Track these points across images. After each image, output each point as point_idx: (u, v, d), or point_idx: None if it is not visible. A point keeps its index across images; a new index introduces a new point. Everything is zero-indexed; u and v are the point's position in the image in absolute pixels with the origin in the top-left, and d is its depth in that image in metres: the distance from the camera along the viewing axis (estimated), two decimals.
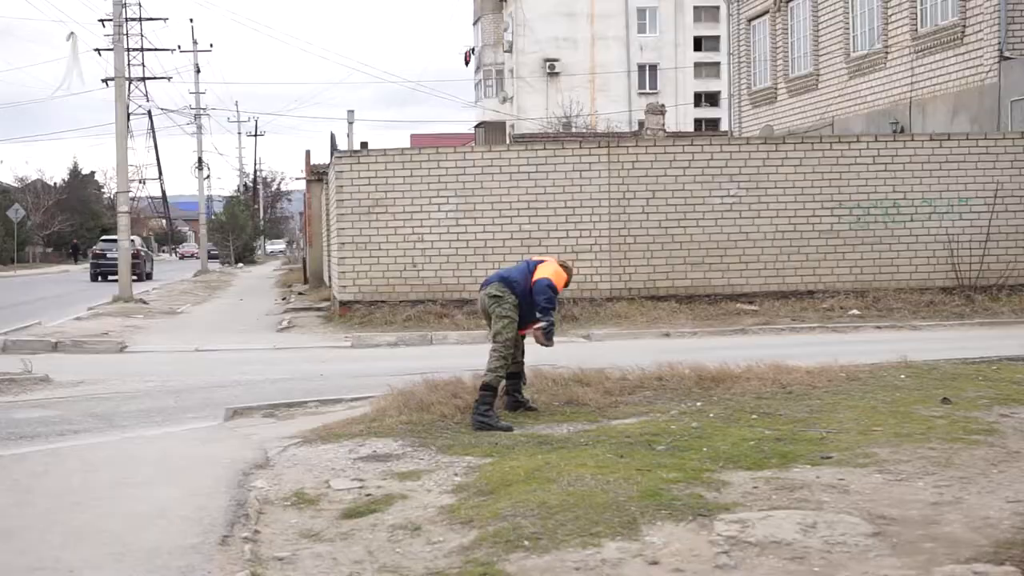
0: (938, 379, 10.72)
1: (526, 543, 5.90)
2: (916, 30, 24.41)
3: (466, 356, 13.96)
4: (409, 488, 7.25)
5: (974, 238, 19.44)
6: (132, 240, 53.65)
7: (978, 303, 18.50)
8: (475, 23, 71.45)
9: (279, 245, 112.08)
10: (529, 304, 9.56)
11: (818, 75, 28.97)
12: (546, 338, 9.46)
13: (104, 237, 48.93)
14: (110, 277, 41.35)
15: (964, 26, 22.58)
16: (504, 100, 66.44)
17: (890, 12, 25.38)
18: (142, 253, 47.70)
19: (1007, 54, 21.32)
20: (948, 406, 9.49)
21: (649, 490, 6.74)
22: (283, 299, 29.63)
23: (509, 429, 8.93)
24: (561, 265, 9.93)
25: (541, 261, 9.85)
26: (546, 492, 6.74)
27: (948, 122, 23.05)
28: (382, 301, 19.22)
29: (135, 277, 46.99)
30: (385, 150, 19.83)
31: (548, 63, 64.09)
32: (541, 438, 8.53)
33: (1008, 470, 7.37)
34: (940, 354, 12.13)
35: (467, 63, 73.77)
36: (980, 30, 22.04)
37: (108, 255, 43.38)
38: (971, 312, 18.07)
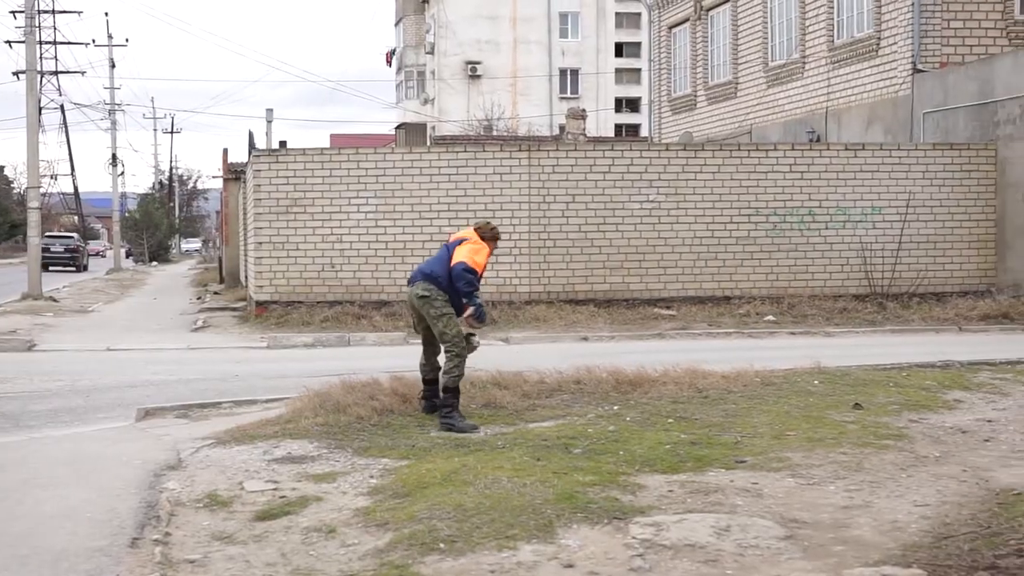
0: (850, 385, 10.89)
1: (442, 545, 5.88)
2: (833, 41, 24.81)
3: (384, 358, 13.90)
4: (324, 490, 7.19)
5: (887, 247, 19.79)
6: (72, 236, 56.65)
7: (890, 310, 18.83)
8: (397, 24, 71.20)
9: (194, 244, 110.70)
10: (456, 292, 9.40)
11: (737, 83, 29.32)
12: (478, 321, 9.36)
13: (48, 234, 53.19)
14: (51, 268, 45.81)
15: (879, 39, 22.98)
16: (425, 102, 66.29)
17: (808, 23, 25.76)
18: (80, 248, 55.02)
19: (920, 67, 21.73)
20: (860, 411, 9.64)
21: (565, 493, 6.75)
22: (198, 298, 29.26)
23: (475, 429, 8.87)
24: (478, 232, 9.70)
25: (460, 241, 9.64)
26: (463, 495, 6.72)
27: (863, 132, 23.44)
28: (299, 302, 19.07)
29: (73, 268, 49.41)
30: (304, 150, 19.68)
31: (470, 65, 64.06)
32: (458, 440, 8.51)
33: (916, 475, 7.50)
34: (853, 360, 12.31)
35: (388, 64, 73.49)
36: (894, 43, 22.46)
37: (51, 248, 49.46)
38: (883, 319, 18.39)
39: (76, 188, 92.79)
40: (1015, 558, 5.45)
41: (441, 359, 9.57)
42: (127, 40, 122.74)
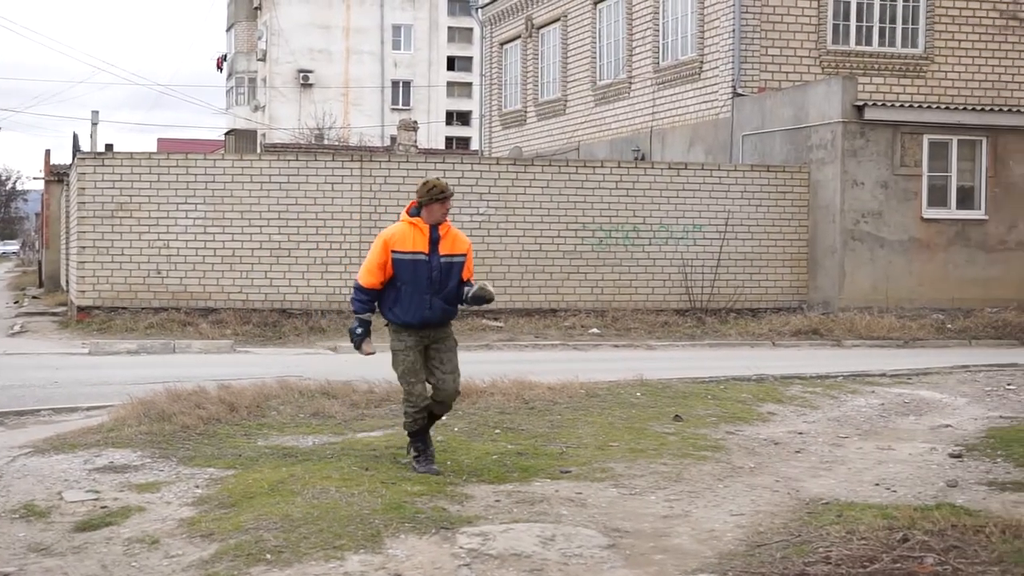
0: (671, 397, 11.19)
1: (268, 556, 5.86)
2: (658, 63, 25.47)
3: (211, 366, 13.68)
4: (147, 500, 7.07)
5: (706, 263, 20.40)
6: None
7: (708, 325, 19.40)
8: (228, 29, 69.99)
9: (12, 246, 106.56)
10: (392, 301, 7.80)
11: (566, 101, 29.81)
12: (354, 346, 7.97)
13: None
14: None
15: (702, 62, 23.71)
16: (256, 108, 65.31)
17: (634, 45, 26.39)
18: None
19: (740, 91, 22.51)
20: (679, 423, 9.94)
21: (394, 503, 6.79)
22: (15, 302, 28.23)
23: (438, 474, 7.63)
24: (414, 209, 7.76)
25: None
26: (290, 505, 6.70)
27: (686, 152, 24.13)
28: (123, 307, 18.62)
29: None
30: (132, 153, 19.24)
31: (302, 74, 63.41)
32: (286, 450, 8.45)
33: (732, 485, 7.79)
34: (673, 373, 12.64)
35: (219, 69, 72.18)
36: (716, 67, 23.20)
37: None
38: (702, 333, 18.94)
39: None
40: (823, 565, 5.71)
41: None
42: None
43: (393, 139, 43.38)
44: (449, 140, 71.80)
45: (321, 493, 6.95)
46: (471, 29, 69.30)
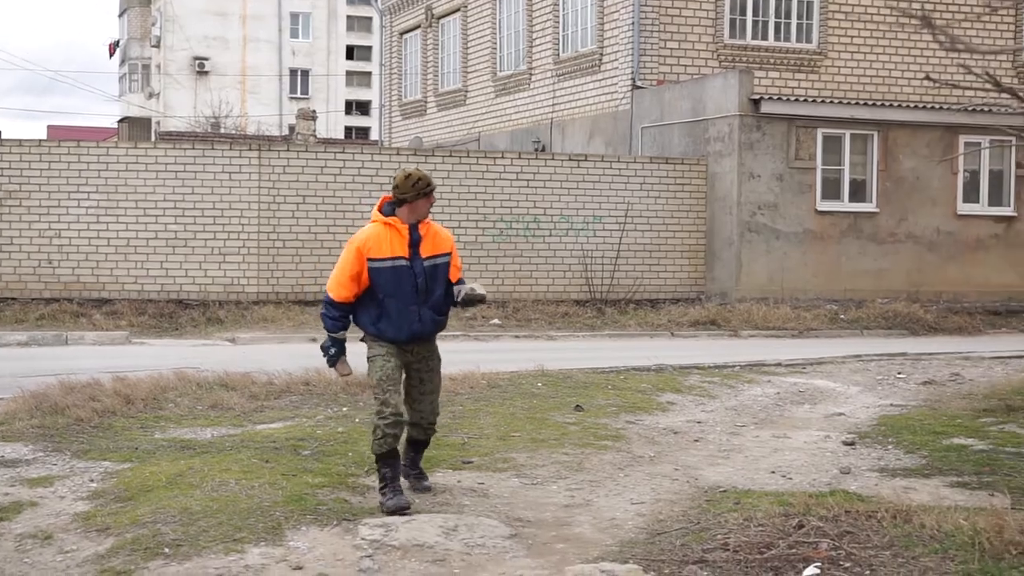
0: (572, 387, 11.26)
1: (166, 550, 5.78)
2: (558, 55, 25.58)
3: (106, 357, 13.41)
4: (40, 495, 6.91)
5: (606, 255, 20.55)
6: None
7: (608, 316, 19.55)
8: (121, 15, 68.60)
9: None
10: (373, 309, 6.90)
11: (466, 91, 29.79)
12: (328, 365, 7.02)
13: None
14: None
15: (601, 55, 23.86)
16: (150, 96, 64.18)
17: (535, 36, 26.47)
18: None
19: (639, 83, 22.70)
20: (580, 413, 10.01)
21: (295, 495, 6.74)
22: None
23: (404, 510, 6.55)
24: (387, 206, 6.87)
25: None
26: (188, 498, 6.61)
27: (586, 144, 24.28)
28: (12, 298, 18.15)
29: None
30: (20, 140, 18.74)
31: (198, 61, 62.43)
32: (184, 443, 8.33)
33: (633, 474, 7.87)
34: (574, 363, 12.73)
35: (111, 55, 70.75)
36: (616, 59, 23.37)
37: None
38: (602, 324, 19.08)
39: None
40: (721, 551, 5.81)
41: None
42: None
43: (292, 128, 43.02)
44: (348, 130, 71.34)
45: (220, 486, 6.87)
46: (370, 18, 68.90)
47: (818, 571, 5.45)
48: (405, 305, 6.77)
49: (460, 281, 7.05)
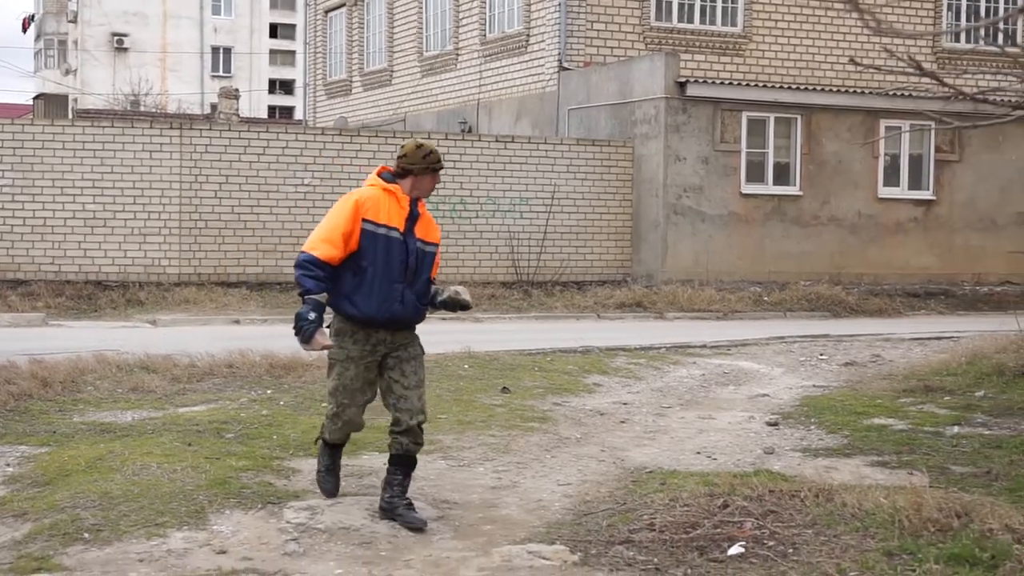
0: (498, 369, 11.26)
1: (86, 535, 5.67)
2: (485, 35, 25.49)
3: (22, 340, 13.12)
4: None
5: (533, 236, 20.55)
6: None
7: (535, 298, 19.57)
8: None
9: None
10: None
11: (392, 71, 29.60)
12: (302, 340, 5.94)
13: None
14: None
15: (528, 35, 23.82)
16: (67, 72, 62.95)
17: (461, 16, 26.35)
18: None
19: (566, 65, 22.70)
20: (507, 395, 10.01)
21: (218, 479, 6.66)
22: None
23: (332, 494, 6.43)
24: (388, 175, 6.47)
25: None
26: (109, 482, 6.50)
27: (513, 125, 24.24)
28: None
29: None
30: None
31: (116, 37, 61.34)
32: (104, 426, 8.19)
33: (559, 455, 7.89)
34: (500, 346, 12.71)
35: (24, 30, 69.26)
36: (543, 40, 23.34)
37: None
38: (529, 306, 19.09)
39: None
40: (647, 532, 5.84)
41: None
42: None
43: (214, 107, 42.44)
44: (272, 109, 70.57)
45: (142, 469, 6.76)
46: None
47: (743, 550, 5.50)
48: (390, 281, 6.07)
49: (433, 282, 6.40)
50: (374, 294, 6.06)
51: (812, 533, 5.70)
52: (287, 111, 71.46)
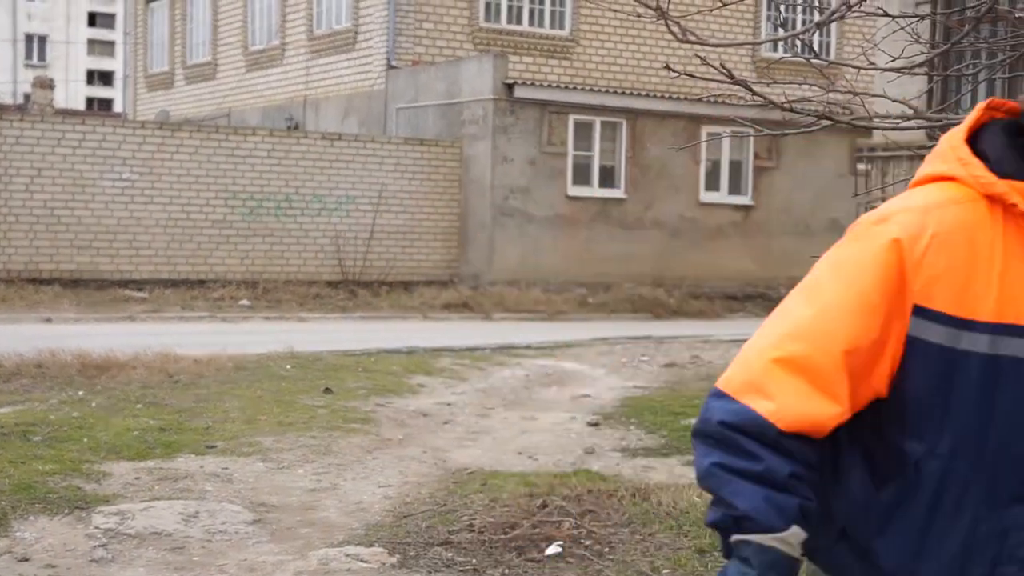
0: (321, 370, 11.14)
1: None
2: (312, 31, 25.19)
3: None
4: None
5: (359, 236, 20.40)
6: None
7: (361, 297, 19.43)
8: None
9: None
10: None
11: (216, 65, 28.99)
12: None
13: None
14: None
15: (356, 32, 23.64)
16: None
17: (288, 11, 25.98)
18: None
19: (394, 63, 22.60)
20: (330, 396, 9.90)
21: (23, 483, 6.40)
22: None
23: None
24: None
25: None
26: None
27: (340, 123, 24.01)
28: None
29: None
30: None
31: None
32: None
33: (381, 457, 7.83)
34: (324, 346, 12.58)
35: None
36: (371, 38, 23.19)
37: None
38: (354, 306, 18.94)
39: None
40: (467, 533, 5.85)
41: None
42: None
43: (27, 97, 40.90)
44: (90, 101, 68.41)
45: None
46: None
47: (560, 549, 5.55)
48: (996, 500, 1.81)
49: None
50: (951, 537, 1.83)
51: (628, 532, 5.79)
52: (106, 103, 69.36)
